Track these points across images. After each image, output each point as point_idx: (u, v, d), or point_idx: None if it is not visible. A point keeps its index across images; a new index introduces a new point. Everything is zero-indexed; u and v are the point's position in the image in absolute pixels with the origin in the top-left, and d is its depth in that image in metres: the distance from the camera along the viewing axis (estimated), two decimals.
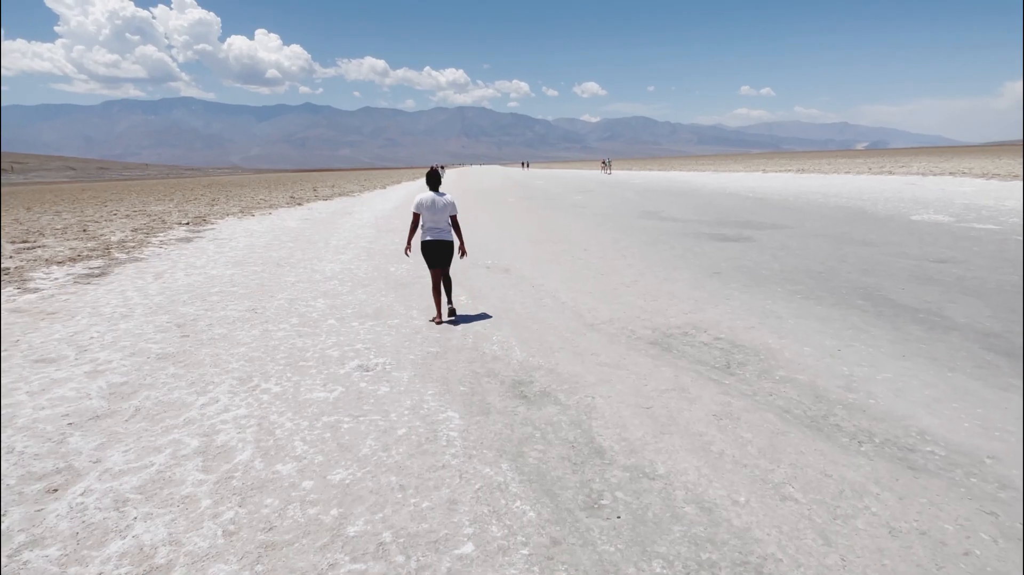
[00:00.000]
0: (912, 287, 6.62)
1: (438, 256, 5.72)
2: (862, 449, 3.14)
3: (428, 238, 5.70)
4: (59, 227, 15.35)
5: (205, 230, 14.57)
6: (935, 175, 27.94)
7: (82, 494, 2.85)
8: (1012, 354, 4.45)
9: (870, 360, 4.43)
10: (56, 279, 8.31)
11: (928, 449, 3.13)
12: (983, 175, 25.32)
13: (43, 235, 13.51)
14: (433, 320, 5.83)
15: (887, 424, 3.42)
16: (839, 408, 3.65)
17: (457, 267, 8.58)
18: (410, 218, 5.89)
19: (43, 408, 3.85)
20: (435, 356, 4.80)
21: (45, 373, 4.49)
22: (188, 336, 5.48)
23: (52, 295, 7.28)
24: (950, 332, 5.03)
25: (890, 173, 31.65)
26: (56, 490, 2.90)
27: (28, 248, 11.39)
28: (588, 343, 5.02)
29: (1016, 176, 22.95)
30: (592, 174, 56.10)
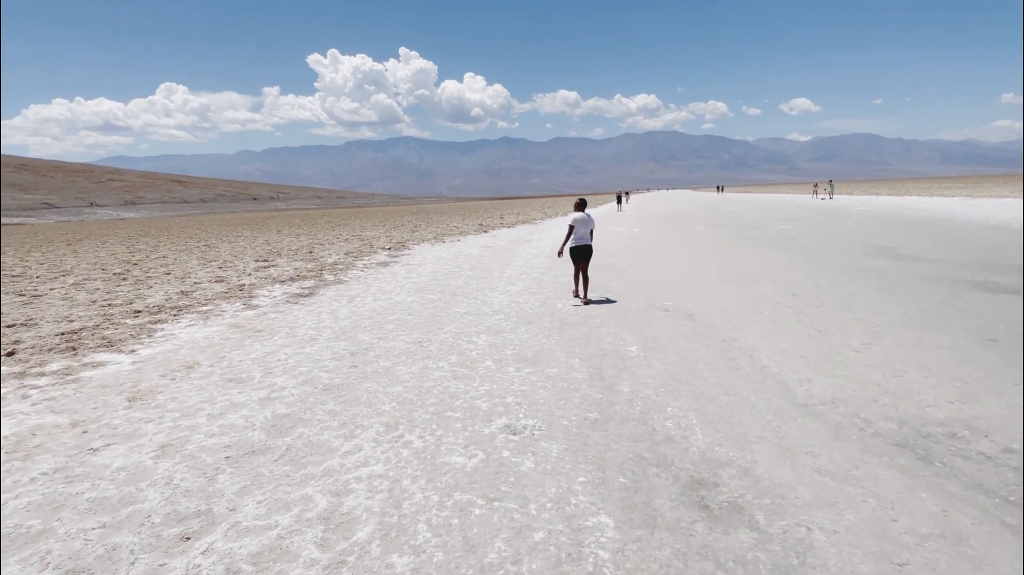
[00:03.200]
0: None
1: (581, 255, 8.10)
2: None
3: (575, 244, 8.08)
4: (294, 248, 18.20)
5: (402, 255, 15.89)
6: None
7: (203, 553, 2.70)
8: None
9: None
10: (274, 297, 9.50)
11: None
12: None
13: (280, 255, 16.05)
14: (572, 292, 8.60)
15: None
16: None
17: (630, 309, 7.68)
18: (567, 231, 8.16)
19: (213, 435, 4.02)
20: (593, 425, 4.02)
21: (228, 396, 4.81)
22: (356, 367, 5.55)
23: (266, 313, 8.25)
24: None
25: None
26: (188, 539, 2.81)
27: (264, 267, 13.52)
28: (801, 434, 3.75)
29: None
30: (801, 199, 49.78)
